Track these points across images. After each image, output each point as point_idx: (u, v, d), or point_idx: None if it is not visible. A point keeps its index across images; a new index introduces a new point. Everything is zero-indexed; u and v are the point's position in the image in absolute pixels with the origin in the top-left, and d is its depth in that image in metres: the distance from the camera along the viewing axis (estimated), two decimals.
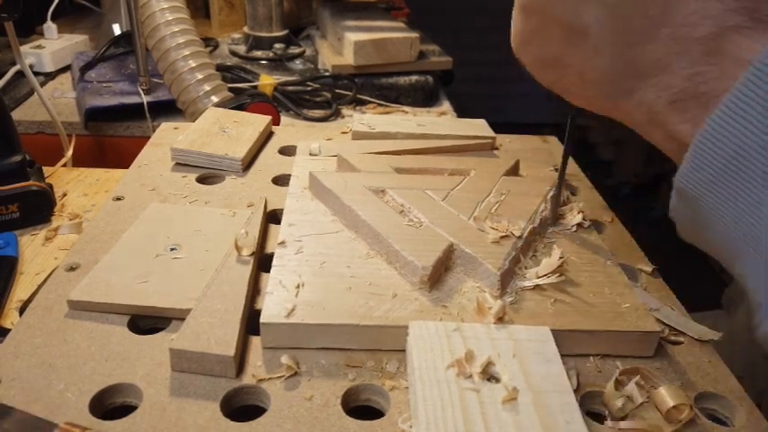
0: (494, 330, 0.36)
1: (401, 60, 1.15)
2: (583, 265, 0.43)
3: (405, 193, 0.47)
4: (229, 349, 0.35)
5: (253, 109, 0.86)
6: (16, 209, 0.63)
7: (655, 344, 0.38)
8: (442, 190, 0.48)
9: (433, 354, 0.34)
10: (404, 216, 0.45)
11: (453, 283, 0.41)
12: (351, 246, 0.44)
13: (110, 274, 0.41)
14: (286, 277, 0.40)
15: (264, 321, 0.36)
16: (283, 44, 1.25)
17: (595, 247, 0.45)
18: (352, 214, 0.45)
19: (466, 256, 0.42)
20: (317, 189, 0.49)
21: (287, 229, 0.45)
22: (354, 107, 1.13)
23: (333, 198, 0.47)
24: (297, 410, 0.33)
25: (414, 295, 0.39)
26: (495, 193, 0.49)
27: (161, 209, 0.50)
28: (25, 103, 1.07)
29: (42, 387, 0.34)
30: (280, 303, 0.37)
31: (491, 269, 0.40)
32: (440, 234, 0.43)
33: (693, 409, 0.34)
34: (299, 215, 0.47)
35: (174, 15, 0.97)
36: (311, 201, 0.49)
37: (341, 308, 0.37)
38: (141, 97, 1.01)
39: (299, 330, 0.36)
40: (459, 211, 0.45)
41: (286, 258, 0.42)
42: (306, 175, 0.51)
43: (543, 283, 0.40)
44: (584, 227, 0.48)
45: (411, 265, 0.40)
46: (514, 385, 0.32)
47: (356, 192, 0.47)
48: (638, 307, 0.39)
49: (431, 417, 0.30)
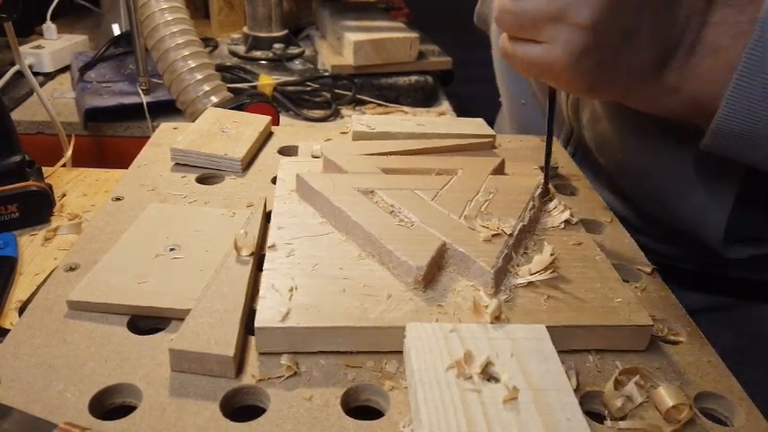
0: (491, 330, 0.36)
1: (401, 60, 1.15)
2: (573, 261, 0.43)
3: (394, 194, 0.47)
4: (229, 349, 0.35)
5: (252, 109, 0.86)
6: (15, 209, 0.63)
7: (648, 337, 0.38)
8: (431, 190, 0.48)
9: (431, 355, 0.34)
10: (394, 216, 0.45)
11: (447, 282, 0.41)
12: (342, 247, 0.43)
13: (109, 275, 0.41)
14: (278, 281, 0.39)
15: (259, 326, 0.36)
16: (283, 44, 1.25)
17: (585, 243, 0.46)
18: (343, 216, 0.44)
19: (459, 254, 0.41)
20: (305, 191, 0.49)
21: (276, 233, 0.44)
22: (354, 107, 1.13)
23: (322, 200, 0.47)
24: (296, 411, 0.33)
25: (408, 295, 0.39)
26: (483, 191, 0.49)
27: (160, 209, 0.50)
28: (25, 104, 1.07)
29: (42, 387, 0.34)
30: (273, 307, 0.37)
31: (485, 267, 0.40)
32: (432, 234, 0.43)
33: (693, 409, 0.34)
34: (288, 218, 0.46)
35: (174, 15, 0.97)
36: (299, 203, 0.49)
37: (336, 310, 0.37)
38: (141, 97, 1.01)
39: (294, 334, 0.36)
40: (450, 211, 0.45)
41: (277, 262, 0.41)
42: (292, 177, 0.51)
43: (536, 280, 0.40)
44: (571, 223, 0.48)
45: (405, 265, 0.40)
46: (514, 385, 0.32)
47: (345, 193, 0.47)
48: (630, 301, 0.39)
49: (433, 419, 0.30)
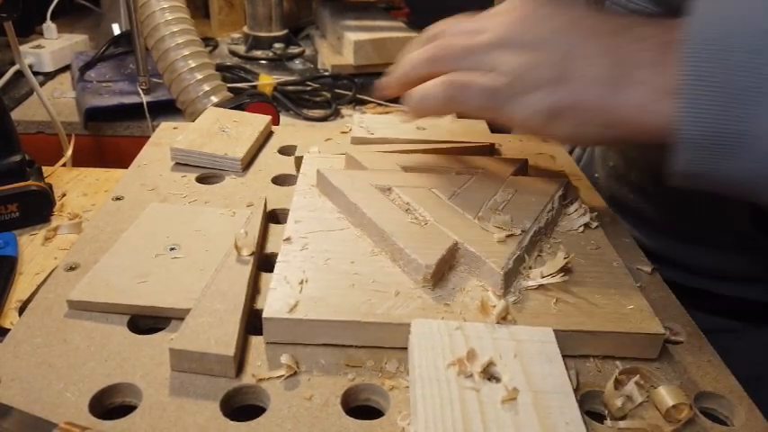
0: (496, 330, 0.36)
1: None
2: (589, 265, 0.43)
3: (411, 192, 0.47)
4: (229, 349, 0.35)
5: (252, 109, 0.86)
6: (16, 209, 0.63)
7: (659, 346, 0.38)
8: (449, 189, 0.48)
9: (434, 352, 0.34)
10: (409, 214, 0.45)
11: (457, 281, 0.41)
12: (356, 243, 0.44)
13: (109, 274, 0.41)
14: (290, 273, 0.40)
15: (267, 316, 0.37)
16: (283, 44, 1.25)
17: (603, 248, 0.45)
18: (358, 212, 0.45)
19: (470, 254, 0.41)
20: (325, 186, 0.49)
21: (293, 226, 0.45)
22: (354, 107, 1.13)
23: (339, 195, 0.47)
24: (296, 410, 0.33)
25: (416, 293, 0.39)
26: (501, 192, 0.49)
27: (161, 209, 0.50)
28: (25, 103, 1.07)
29: (42, 387, 0.34)
30: (282, 299, 0.37)
31: (495, 268, 0.40)
32: (444, 232, 0.43)
33: (693, 409, 0.34)
34: (306, 212, 0.47)
35: (174, 15, 0.97)
36: (318, 198, 0.49)
37: (343, 304, 0.37)
38: (141, 97, 1.01)
39: (301, 326, 0.37)
40: (465, 210, 0.45)
41: (291, 255, 0.42)
42: (314, 172, 0.52)
43: (547, 283, 0.40)
44: (591, 227, 0.48)
45: (414, 262, 0.40)
46: (514, 385, 0.32)
47: (362, 189, 0.47)
48: (642, 309, 0.39)
49: (429, 415, 0.30)
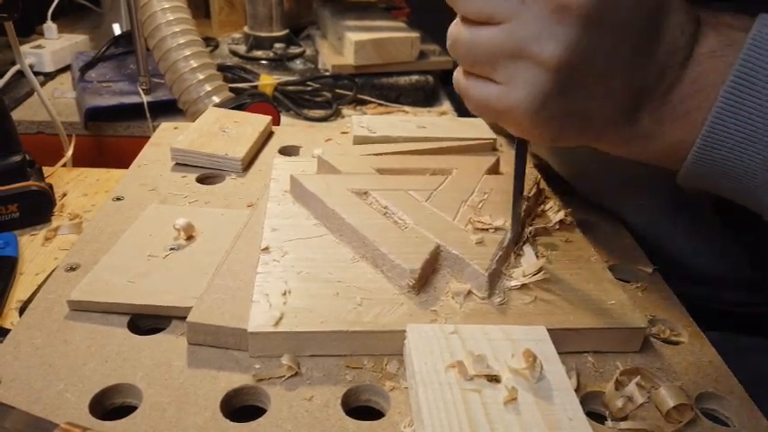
0: (491, 332, 0.36)
1: (401, 60, 1.15)
2: (568, 262, 0.43)
3: (388, 195, 0.46)
4: (243, 323, 0.36)
5: (253, 109, 0.86)
6: (16, 209, 0.63)
7: (641, 339, 0.38)
8: (425, 190, 0.48)
9: (432, 357, 0.34)
10: (388, 218, 0.44)
11: (441, 284, 0.40)
12: (336, 250, 0.43)
13: (110, 274, 0.41)
14: (272, 284, 0.39)
15: (252, 331, 0.36)
16: (283, 44, 1.25)
17: (579, 244, 0.45)
18: (337, 218, 0.44)
19: (452, 257, 0.41)
20: (299, 192, 0.48)
21: (270, 235, 0.44)
22: (355, 107, 1.13)
23: (315, 201, 0.46)
24: (297, 411, 0.33)
25: (402, 299, 0.39)
26: (477, 192, 0.48)
27: (161, 209, 0.50)
28: (25, 103, 1.07)
29: (42, 387, 0.34)
30: (267, 312, 0.37)
31: (479, 270, 0.39)
32: (426, 236, 0.42)
33: (694, 410, 0.34)
34: (282, 219, 0.46)
35: (176, 15, 0.97)
36: (293, 204, 0.48)
37: (329, 314, 0.37)
38: (141, 97, 1.01)
39: (288, 339, 0.36)
40: (444, 212, 0.45)
41: (271, 265, 0.41)
42: (285, 177, 0.50)
43: (529, 282, 0.40)
44: (566, 224, 0.47)
45: (398, 268, 0.39)
46: (513, 385, 0.32)
47: (339, 194, 0.46)
48: (623, 303, 0.39)
49: (435, 420, 0.30)
